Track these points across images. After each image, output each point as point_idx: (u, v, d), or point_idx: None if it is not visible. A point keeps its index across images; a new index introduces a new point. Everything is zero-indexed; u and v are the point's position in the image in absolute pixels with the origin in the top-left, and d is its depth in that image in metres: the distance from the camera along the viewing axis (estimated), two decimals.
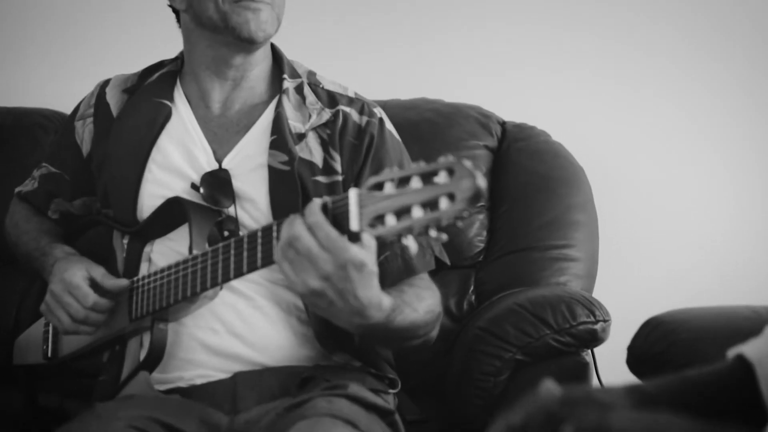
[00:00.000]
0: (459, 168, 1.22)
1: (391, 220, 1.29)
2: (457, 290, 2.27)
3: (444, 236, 1.28)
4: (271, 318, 1.73)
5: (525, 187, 2.33)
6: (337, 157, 1.76)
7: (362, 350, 1.76)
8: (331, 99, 1.83)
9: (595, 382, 1.98)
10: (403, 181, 1.28)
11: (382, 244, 1.72)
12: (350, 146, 1.78)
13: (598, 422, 0.87)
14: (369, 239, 1.35)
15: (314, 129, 1.78)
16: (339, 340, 1.71)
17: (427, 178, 1.25)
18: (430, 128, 2.37)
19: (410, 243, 1.30)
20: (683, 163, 2.68)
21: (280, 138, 1.75)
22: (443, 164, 1.24)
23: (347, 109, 1.81)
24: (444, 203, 1.23)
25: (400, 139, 1.87)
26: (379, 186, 1.31)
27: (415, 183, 1.26)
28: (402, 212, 1.27)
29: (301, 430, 1.44)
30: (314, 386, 1.65)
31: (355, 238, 1.36)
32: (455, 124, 2.40)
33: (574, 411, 0.94)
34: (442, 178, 1.23)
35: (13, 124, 2.50)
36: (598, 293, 2.23)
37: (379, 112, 1.83)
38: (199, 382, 1.72)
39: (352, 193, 1.34)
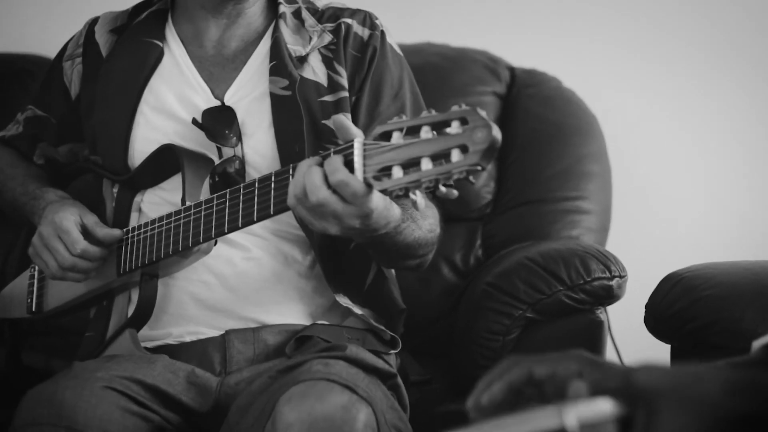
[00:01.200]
0: (473, 117, 1.17)
1: (398, 173, 1.22)
2: (464, 244, 2.19)
3: (455, 192, 1.23)
4: (267, 271, 1.65)
5: (535, 136, 2.25)
6: (343, 72, 1.69)
7: (369, 294, 1.69)
8: (331, 14, 1.75)
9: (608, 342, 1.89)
10: (412, 131, 1.22)
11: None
12: (353, 59, 1.70)
13: (624, 380, 0.82)
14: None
15: (317, 49, 1.70)
16: (347, 281, 1.65)
17: (438, 127, 1.19)
18: (435, 73, 2.28)
19: (418, 198, 1.24)
20: (701, 112, 2.59)
21: (280, 63, 1.67)
22: (456, 113, 1.18)
23: (349, 21, 1.73)
24: (456, 156, 1.17)
25: (402, 54, 1.79)
26: (386, 135, 1.25)
27: (426, 133, 1.20)
28: (410, 164, 1.21)
29: (295, 396, 1.36)
30: (311, 347, 1.56)
31: None
32: (462, 69, 2.31)
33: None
34: (454, 128, 1.18)
35: (0, 70, 2.42)
36: (611, 248, 2.14)
37: (380, 24, 1.75)
38: (188, 339, 1.64)
39: (357, 143, 1.28)
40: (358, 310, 1.65)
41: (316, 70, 1.68)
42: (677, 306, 1.64)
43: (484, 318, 1.86)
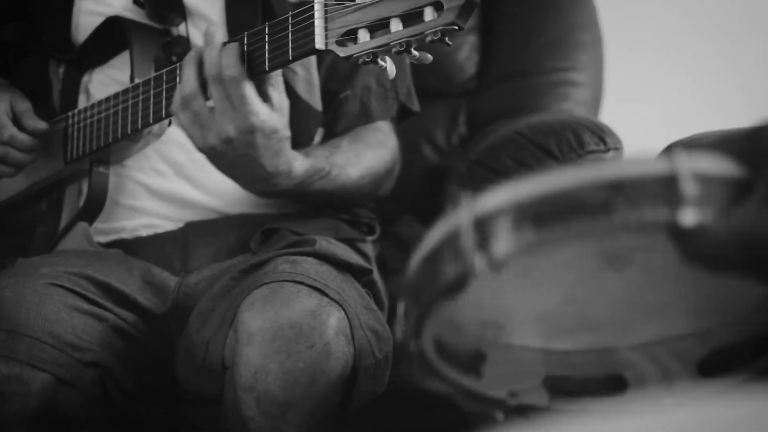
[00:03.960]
0: None
1: (364, 36, 1.10)
2: (446, 122, 2.03)
3: (429, 56, 1.10)
4: None
5: (522, 4, 2.08)
6: None
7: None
8: None
9: None
10: None
11: (352, 70, 1.50)
12: None
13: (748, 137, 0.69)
14: (280, 100, 1.21)
15: None
16: None
17: None
18: None
19: (388, 65, 1.11)
20: None
21: None
22: None
23: None
24: (429, 14, 1.06)
25: None
26: None
27: None
28: (377, 26, 1.09)
29: (258, 301, 1.20)
30: (278, 240, 1.41)
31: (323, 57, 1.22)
32: None
33: None
34: None
35: None
36: (604, 122, 2.03)
37: None
38: (144, 233, 1.50)
39: (317, 4, 1.14)
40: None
41: None
42: None
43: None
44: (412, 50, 1.09)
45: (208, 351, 1.25)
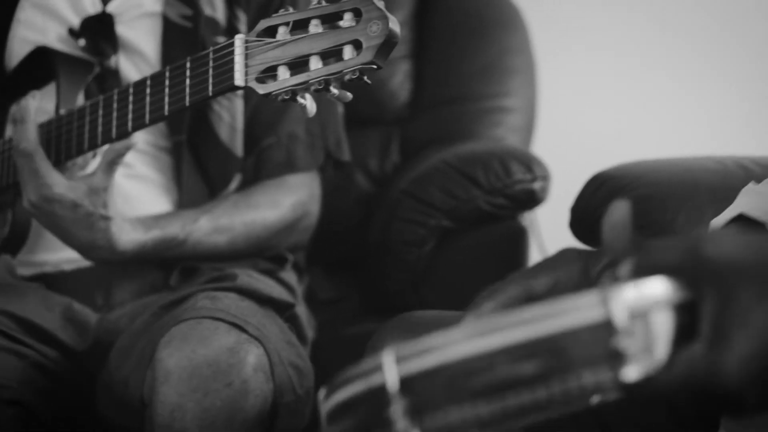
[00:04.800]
0: (368, 8, 1.04)
1: (284, 74, 1.10)
2: (379, 149, 2.03)
3: (348, 95, 1.10)
4: (153, 189, 1.49)
5: (454, 30, 2.09)
6: (242, 17, 1.51)
7: None
8: None
9: (534, 253, 1.77)
10: (299, 25, 1.10)
11: (277, 116, 1.49)
12: (257, 6, 1.51)
13: (687, 254, 0.61)
14: (101, 179, 1.24)
15: None
16: None
17: (329, 20, 1.08)
18: None
19: (308, 103, 1.11)
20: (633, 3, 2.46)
21: None
22: (349, 3, 1.06)
23: None
24: (348, 52, 1.05)
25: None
26: (270, 31, 1.11)
27: (315, 27, 1.09)
28: (297, 63, 1.09)
29: (175, 338, 1.19)
30: (199, 275, 1.40)
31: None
32: None
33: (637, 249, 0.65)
34: (347, 21, 1.06)
35: None
36: (538, 148, 2.07)
37: None
38: (67, 267, 1.47)
39: (238, 40, 1.14)
40: None
41: (215, 6, 1.50)
42: (604, 209, 1.50)
43: (398, 228, 1.72)
44: (332, 88, 1.09)
45: (128, 388, 1.24)
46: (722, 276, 0.59)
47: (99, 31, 1.49)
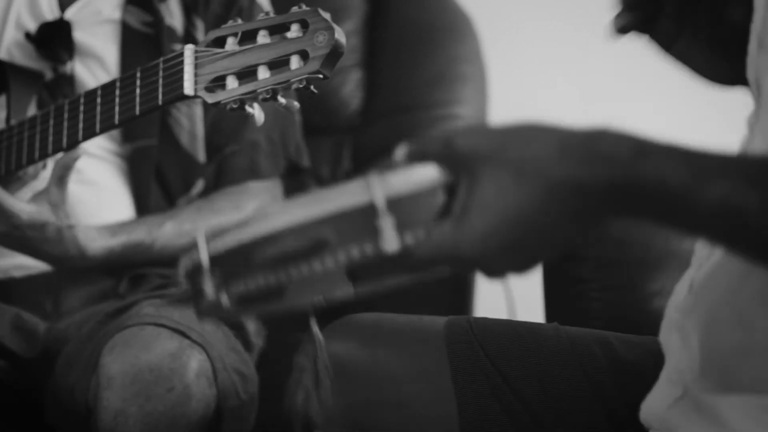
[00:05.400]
0: (314, 19, 1.07)
1: (232, 83, 1.12)
2: (331, 157, 2.04)
3: (295, 104, 1.13)
4: (103, 196, 1.50)
5: (405, 38, 2.10)
6: (200, 26, 1.52)
7: None
8: None
9: None
10: (248, 36, 1.12)
11: (239, 125, 1.51)
12: (214, 17, 1.53)
13: (444, 144, 0.71)
14: (57, 194, 1.26)
15: None
16: None
17: (276, 31, 1.11)
18: None
19: (256, 111, 1.13)
20: (583, 10, 2.47)
21: None
22: (296, 15, 1.09)
23: None
24: (295, 62, 1.09)
25: (270, 8, 1.61)
26: (220, 42, 1.14)
27: (263, 38, 1.11)
28: (246, 73, 1.11)
29: (118, 345, 1.22)
30: (146, 283, 1.43)
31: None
32: None
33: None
34: (294, 31, 1.09)
35: None
36: None
37: None
38: (17, 274, 1.48)
39: (187, 50, 1.16)
40: None
41: (173, 13, 1.52)
42: None
43: None
44: (279, 98, 1.11)
45: (73, 395, 1.25)
46: (469, 163, 0.69)
47: (56, 36, 1.50)
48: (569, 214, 0.68)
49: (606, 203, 0.68)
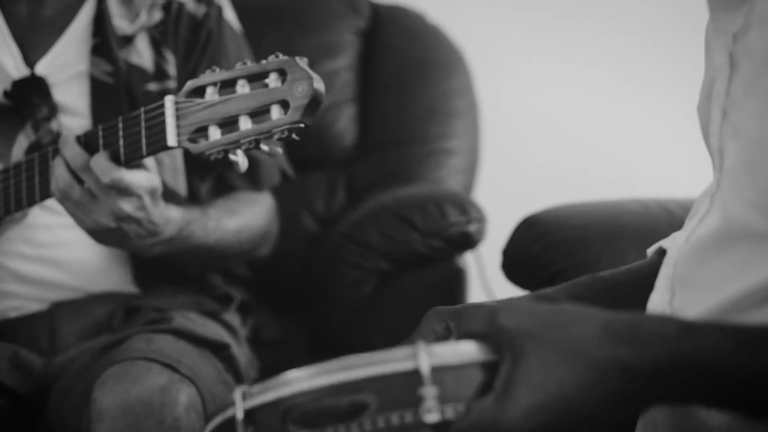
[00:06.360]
0: (293, 69, 1.08)
1: (215, 133, 1.13)
2: (326, 191, 2.06)
3: (279, 150, 1.14)
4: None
5: (398, 73, 2.13)
6: (171, 58, 1.52)
7: (185, 275, 1.57)
8: None
9: (477, 292, 1.81)
10: (227, 85, 1.13)
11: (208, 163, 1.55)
12: (184, 43, 1.53)
13: (488, 322, 0.73)
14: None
15: (144, 30, 1.52)
16: (156, 275, 1.53)
17: (255, 80, 1.11)
18: (291, 10, 2.13)
19: (240, 159, 1.15)
20: (572, 47, 2.51)
21: (103, 43, 1.50)
22: (273, 64, 1.10)
23: None
24: (276, 112, 1.09)
25: (240, 32, 1.64)
26: (199, 91, 1.14)
27: (242, 87, 1.12)
28: (227, 123, 1.12)
29: (109, 379, 1.23)
30: (140, 317, 1.44)
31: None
32: (319, 4, 2.16)
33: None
34: (272, 81, 1.10)
35: None
36: (481, 190, 2.10)
37: None
38: (13, 315, 1.51)
39: (168, 102, 1.17)
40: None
41: (142, 53, 1.51)
42: (532, 251, 1.54)
43: (338, 270, 1.76)
44: (262, 146, 1.12)
45: (67, 429, 1.27)
46: (513, 341, 0.70)
47: (33, 93, 1.49)
48: (614, 394, 0.68)
49: (652, 384, 0.68)
